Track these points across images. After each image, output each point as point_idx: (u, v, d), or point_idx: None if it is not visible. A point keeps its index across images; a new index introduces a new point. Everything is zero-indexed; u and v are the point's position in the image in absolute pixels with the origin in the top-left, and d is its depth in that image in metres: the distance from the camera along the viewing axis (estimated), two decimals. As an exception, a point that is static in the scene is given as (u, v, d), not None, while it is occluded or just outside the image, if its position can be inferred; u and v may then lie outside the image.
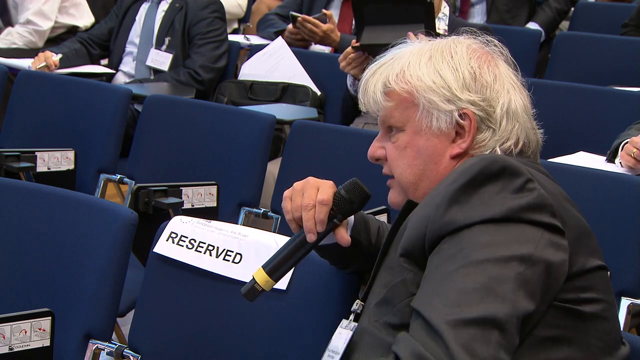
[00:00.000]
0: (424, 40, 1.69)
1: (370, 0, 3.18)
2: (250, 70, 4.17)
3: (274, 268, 1.63)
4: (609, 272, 1.56)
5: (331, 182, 1.67)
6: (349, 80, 3.44)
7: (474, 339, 1.31)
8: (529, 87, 1.70)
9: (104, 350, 2.10)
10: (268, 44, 4.23)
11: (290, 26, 4.33)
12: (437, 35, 3.42)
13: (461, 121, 1.60)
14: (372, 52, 3.18)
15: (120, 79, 4.33)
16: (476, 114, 1.59)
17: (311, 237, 1.63)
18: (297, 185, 1.67)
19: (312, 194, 1.64)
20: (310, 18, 4.20)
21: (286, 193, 1.68)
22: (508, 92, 1.62)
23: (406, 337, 1.38)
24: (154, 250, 2.08)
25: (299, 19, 4.21)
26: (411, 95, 1.62)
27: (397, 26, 3.08)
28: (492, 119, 1.60)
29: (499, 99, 1.60)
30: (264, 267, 1.63)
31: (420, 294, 1.43)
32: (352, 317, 1.66)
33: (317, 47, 4.35)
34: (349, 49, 3.24)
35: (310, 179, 1.67)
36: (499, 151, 1.60)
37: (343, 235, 1.67)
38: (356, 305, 1.67)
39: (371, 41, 3.16)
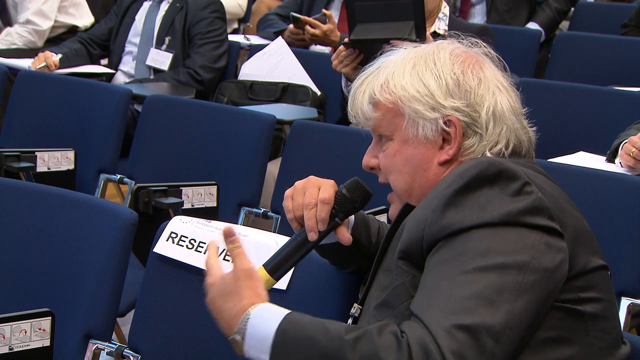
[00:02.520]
0: (409, 46, 1.69)
1: None
2: (250, 70, 4.17)
3: (275, 267, 1.63)
4: (609, 272, 1.56)
5: (332, 181, 1.68)
6: (343, 82, 3.44)
7: (467, 346, 1.31)
8: (529, 87, 1.70)
9: (104, 350, 2.10)
10: (268, 44, 4.23)
11: (291, 26, 4.33)
12: (437, 34, 3.43)
13: (446, 128, 1.59)
14: (362, 48, 3.19)
15: (120, 78, 4.33)
16: (461, 120, 1.59)
17: (312, 236, 1.64)
18: (299, 184, 1.67)
19: (314, 193, 1.64)
20: (310, 19, 4.20)
21: (287, 192, 1.68)
22: (493, 94, 1.61)
23: (416, 325, 1.37)
24: (154, 250, 2.08)
25: (302, 20, 4.22)
26: (396, 105, 1.62)
27: (388, 23, 3.09)
28: (477, 123, 1.60)
29: (483, 102, 1.60)
30: (265, 266, 1.63)
31: (417, 298, 1.43)
32: (350, 321, 1.66)
33: (317, 47, 4.35)
34: (341, 47, 3.25)
35: (312, 177, 1.67)
36: (489, 155, 1.59)
37: (344, 234, 1.68)
38: (354, 309, 1.67)
39: (362, 36, 3.16)
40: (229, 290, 1.49)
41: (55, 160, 3.17)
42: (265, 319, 1.43)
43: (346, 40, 3.23)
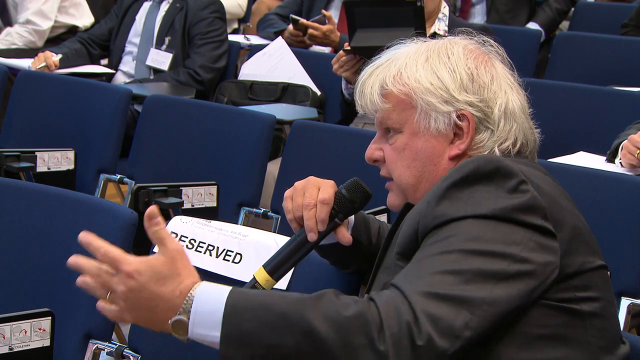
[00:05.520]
0: (420, 41, 1.69)
1: (361, 3, 3.19)
2: (250, 70, 4.17)
3: (274, 267, 1.63)
4: (609, 272, 1.56)
5: (332, 181, 1.68)
6: (343, 84, 3.45)
7: (441, 312, 1.31)
8: (529, 87, 1.70)
9: (104, 350, 2.10)
10: (268, 44, 4.23)
11: (290, 27, 4.34)
12: (437, 35, 3.43)
13: (459, 122, 1.60)
14: (363, 54, 3.20)
15: (120, 79, 4.33)
16: (474, 115, 1.60)
17: (312, 237, 1.64)
18: (298, 184, 1.67)
19: (314, 193, 1.64)
20: (309, 23, 4.21)
21: (287, 193, 1.68)
22: (505, 92, 1.62)
23: (386, 291, 1.37)
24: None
25: (301, 23, 4.22)
26: (409, 96, 1.62)
27: (388, 29, 3.10)
28: (490, 119, 1.60)
29: (496, 99, 1.61)
30: (264, 266, 1.63)
31: (400, 273, 1.43)
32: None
33: (317, 47, 4.35)
34: (341, 52, 3.26)
35: (311, 178, 1.67)
36: (497, 151, 1.60)
37: (344, 235, 1.68)
38: None
39: (362, 44, 3.18)
40: (165, 273, 1.37)
41: (55, 160, 3.17)
42: (212, 293, 1.36)
43: (346, 46, 3.24)
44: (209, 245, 2.01)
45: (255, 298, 1.35)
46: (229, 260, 1.98)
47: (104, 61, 4.46)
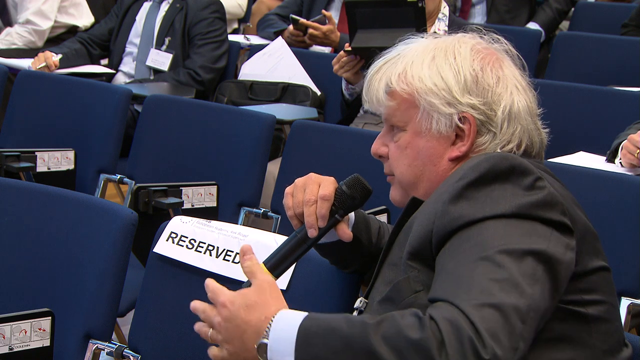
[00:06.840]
0: (430, 37, 1.68)
1: (362, 3, 3.19)
2: (250, 70, 4.17)
3: (275, 264, 1.63)
4: (611, 274, 1.56)
5: (332, 178, 1.68)
6: (343, 84, 3.44)
7: (499, 325, 1.29)
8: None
9: (104, 350, 2.10)
10: (268, 44, 4.23)
11: (290, 27, 4.34)
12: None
13: (461, 124, 1.60)
14: (364, 55, 3.19)
15: (120, 79, 4.33)
16: (476, 118, 1.59)
17: (312, 233, 1.63)
18: (299, 181, 1.67)
19: (314, 190, 1.64)
20: (310, 23, 4.21)
21: (288, 189, 1.68)
22: (511, 94, 1.61)
23: (442, 305, 1.34)
24: (154, 250, 2.08)
25: (301, 23, 4.22)
26: (412, 96, 1.62)
27: (389, 30, 3.10)
28: (492, 122, 1.60)
29: (500, 101, 1.60)
30: (265, 263, 1.63)
31: (437, 287, 1.40)
32: (355, 314, 1.65)
33: (317, 47, 4.36)
34: (342, 52, 3.26)
35: (312, 175, 1.67)
36: None
37: (345, 231, 1.68)
38: (359, 302, 1.66)
39: (363, 44, 3.17)
40: (255, 301, 1.43)
41: (55, 160, 3.17)
42: (288, 319, 1.39)
43: (347, 47, 3.24)
44: (209, 245, 2.01)
45: (323, 323, 1.36)
46: (229, 260, 1.98)
47: (104, 61, 4.46)
